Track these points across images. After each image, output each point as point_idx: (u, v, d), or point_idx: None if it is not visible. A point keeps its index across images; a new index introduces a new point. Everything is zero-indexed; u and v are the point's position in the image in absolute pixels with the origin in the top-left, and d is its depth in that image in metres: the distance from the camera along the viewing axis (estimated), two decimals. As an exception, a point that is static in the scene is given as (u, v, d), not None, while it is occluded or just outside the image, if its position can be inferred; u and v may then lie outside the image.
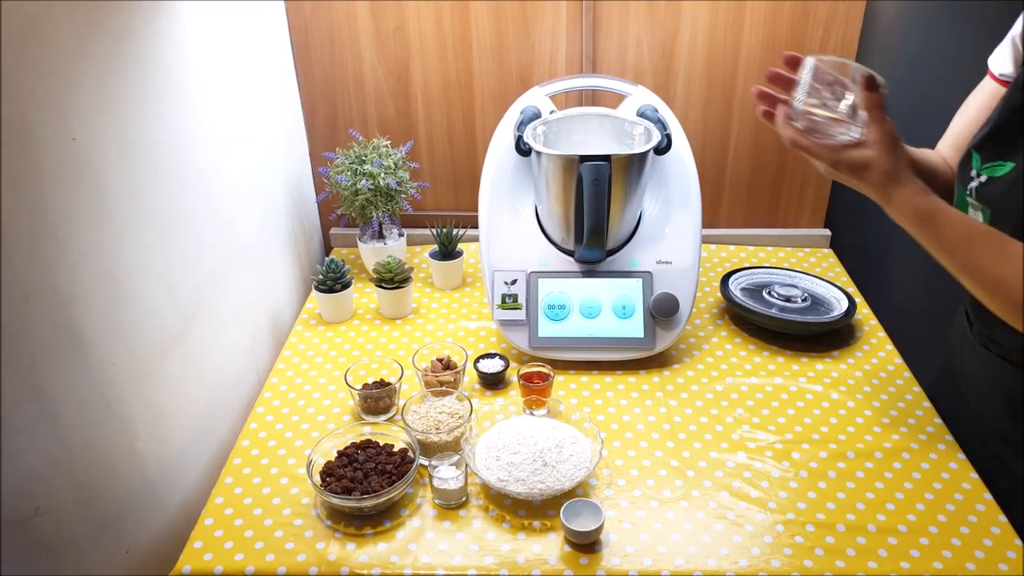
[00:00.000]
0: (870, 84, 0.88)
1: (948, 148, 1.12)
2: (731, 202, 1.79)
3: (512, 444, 1.13)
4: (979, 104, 1.07)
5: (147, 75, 1.06)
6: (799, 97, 0.91)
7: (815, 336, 1.45)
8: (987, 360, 1.07)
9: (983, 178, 0.94)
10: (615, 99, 1.52)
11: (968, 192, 0.97)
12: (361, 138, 1.62)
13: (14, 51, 0.80)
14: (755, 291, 1.54)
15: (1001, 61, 1.03)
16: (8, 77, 0.79)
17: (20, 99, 0.82)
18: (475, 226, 1.46)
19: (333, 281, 1.50)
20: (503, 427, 1.18)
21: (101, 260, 0.96)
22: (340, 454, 1.14)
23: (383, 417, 1.27)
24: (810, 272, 1.62)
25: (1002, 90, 1.01)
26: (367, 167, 1.55)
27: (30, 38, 0.83)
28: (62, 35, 0.88)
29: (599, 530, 1.02)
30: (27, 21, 0.82)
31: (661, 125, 1.35)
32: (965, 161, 0.98)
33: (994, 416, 1.10)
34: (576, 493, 1.11)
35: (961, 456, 1.17)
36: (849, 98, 0.90)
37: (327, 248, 1.87)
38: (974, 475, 1.13)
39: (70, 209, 0.90)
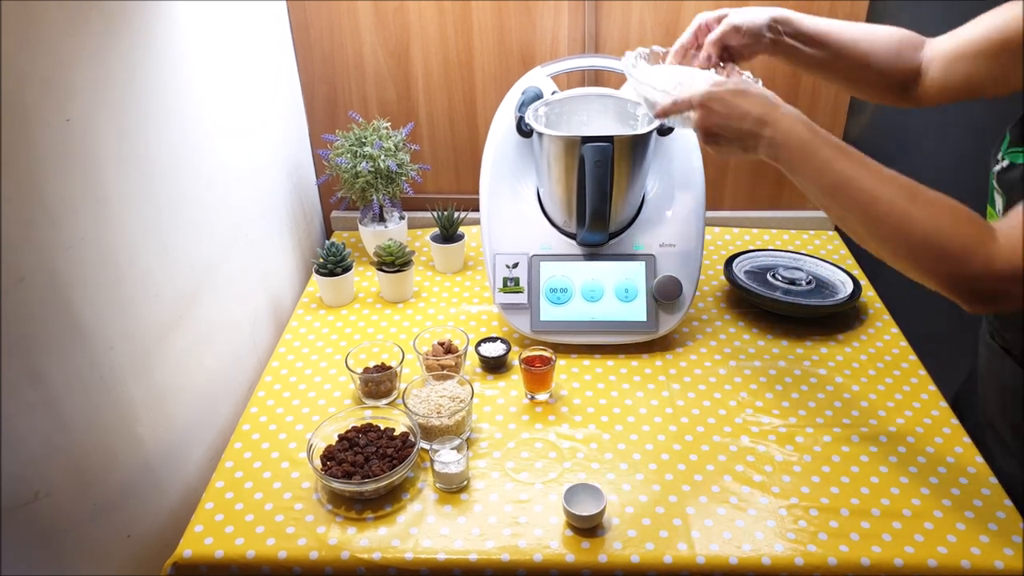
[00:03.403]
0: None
1: (939, 53, 1.03)
2: (735, 184, 1.77)
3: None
4: (996, 24, 0.94)
5: (142, 55, 1.04)
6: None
7: (819, 319, 1.43)
8: (991, 350, 1.06)
9: (1005, 162, 0.91)
10: (618, 79, 1.50)
11: (992, 174, 0.94)
12: (361, 120, 1.60)
13: (8, 28, 0.79)
14: (759, 274, 1.53)
15: None
16: (2, 55, 0.78)
17: (14, 79, 0.80)
18: (476, 209, 1.45)
19: (334, 264, 1.50)
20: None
21: (99, 243, 0.95)
22: (341, 438, 1.14)
23: (384, 401, 1.26)
24: (815, 255, 1.61)
25: None
26: (367, 149, 1.53)
27: (24, 15, 0.81)
28: (55, 11, 0.86)
29: (601, 514, 1.02)
30: (19, -2, 0.81)
31: (664, 106, 1.34)
32: (998, 142, 0.95)
33: (990, 410, 1.09)
34: (578, 478, 1.10)
35: (967, 440, 1.16)
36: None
37: (328, 231, 1.86)
38: (980, 459, 1.12)
39: (66, 192, 0.89)
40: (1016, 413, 1.03)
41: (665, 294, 1.34)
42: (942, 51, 1.03)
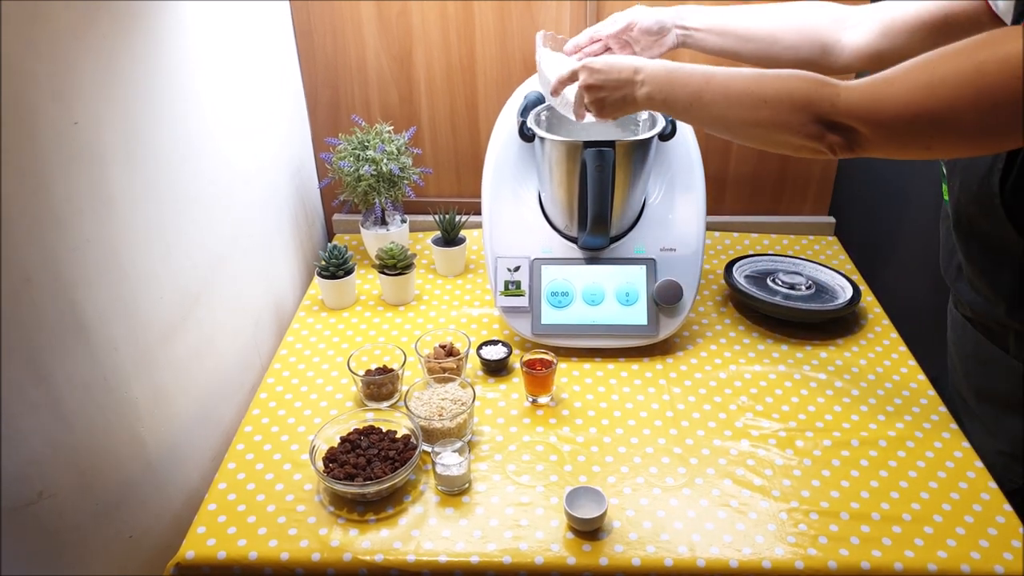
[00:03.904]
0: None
1: (876, 20, 1.06)
2: (735, 189, 1.78)
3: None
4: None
5: (149, 59, 1.05)
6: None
7: (819, 324, 1.44)
8: (955, 320, 1.09)
9: None
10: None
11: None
12: (364, 123, 1.61)
13: (15, 30, 0.79)
14: (759, 278, 1.53)
15: None
16: (8, 57, 0.79)
17: (21, 81, 0.81)
18: (478, 212, 1.46)
19: (336, 267, 1.50)
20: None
21: (103, 245, 0.96)
22: (343, 440, 1.14)
23: (386, 403, 1.27)
24: (814, 260, 1.61)
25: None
26: (370, 153, 1.54)
27: (31, 16, 0.82)
28: (62, 13, 0.87)
29: (602, 517, 1.02)
30: None
31: (666, 111, 1.34)
32: None
33: (957, 378, 1.12)
34: (580, 481, 1.11)
35: (966, 445, 1.16)
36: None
37: (329, 234, 1.86)
38: (979, 463, 1.13)
39: (72, 193, 0.90)
40: (977, 377, 1.07)
41: (666, 298, 1.35)
42: (880, 19, 1.07)
